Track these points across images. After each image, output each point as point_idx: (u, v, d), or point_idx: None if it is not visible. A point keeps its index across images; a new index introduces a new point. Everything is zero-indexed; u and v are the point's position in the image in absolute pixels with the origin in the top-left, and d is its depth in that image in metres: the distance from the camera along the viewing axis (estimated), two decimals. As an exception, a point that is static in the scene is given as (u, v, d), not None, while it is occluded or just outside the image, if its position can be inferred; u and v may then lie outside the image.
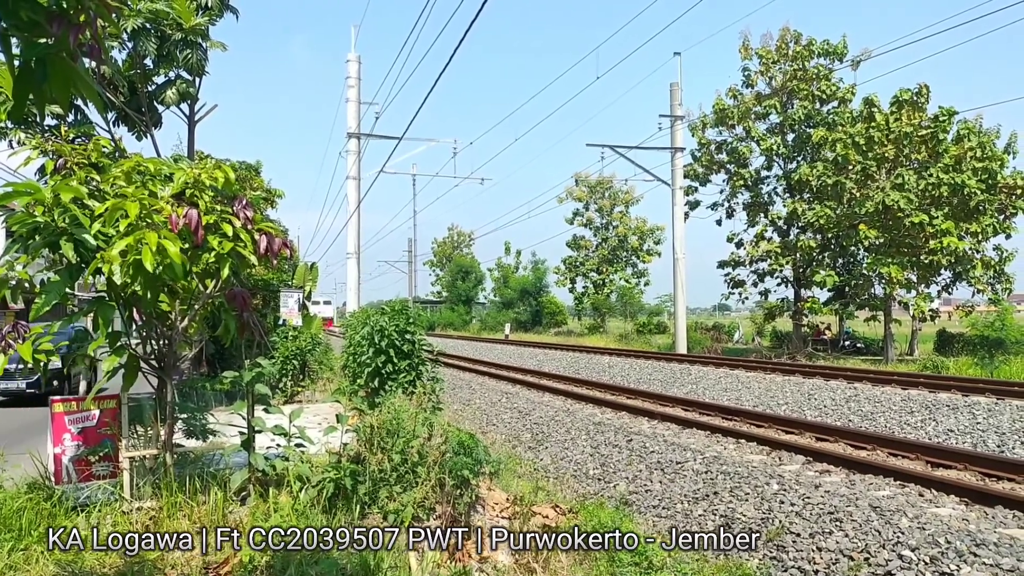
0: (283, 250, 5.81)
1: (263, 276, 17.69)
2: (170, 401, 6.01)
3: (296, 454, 6.08)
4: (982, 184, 23.71)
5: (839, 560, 5.56)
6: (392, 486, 5.76)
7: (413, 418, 6.26)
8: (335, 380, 16.02)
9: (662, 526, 6.72)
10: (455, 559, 5.38)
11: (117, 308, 5.48)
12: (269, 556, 4.67)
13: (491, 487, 6.83)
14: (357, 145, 23.25)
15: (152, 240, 4.70)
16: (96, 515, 5.34)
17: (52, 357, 5.65)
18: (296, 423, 6.27)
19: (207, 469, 6.10)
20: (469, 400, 15.97)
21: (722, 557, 5.89)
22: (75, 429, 5.96)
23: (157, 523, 5.23)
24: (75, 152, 6.06)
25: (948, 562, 5.32)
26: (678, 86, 30.87)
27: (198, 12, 12.79)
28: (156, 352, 6.14)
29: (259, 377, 5.95)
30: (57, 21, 2.09)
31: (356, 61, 23.38)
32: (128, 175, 5.53)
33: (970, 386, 14.76)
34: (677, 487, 7.82)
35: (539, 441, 10.81)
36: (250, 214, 5.55)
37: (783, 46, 31.21)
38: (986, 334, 23.84)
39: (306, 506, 5.43)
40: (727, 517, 6.71)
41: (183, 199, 5.39)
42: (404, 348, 10.71)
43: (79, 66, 2.22)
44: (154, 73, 13.23)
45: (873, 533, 6.01)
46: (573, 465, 9.17)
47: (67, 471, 5.90)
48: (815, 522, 6.36)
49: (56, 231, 4.99)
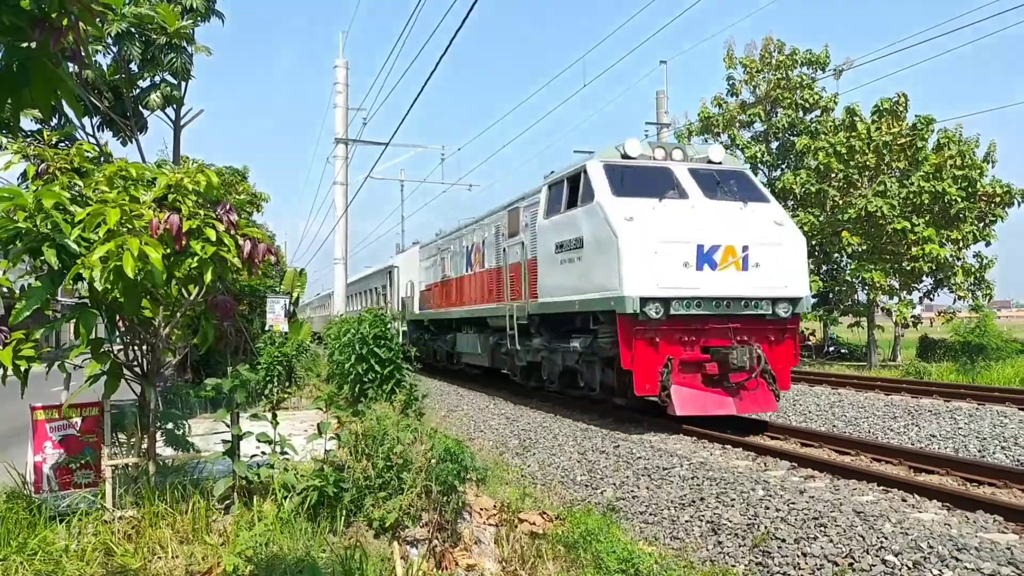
0: (268, 255, 5.78)
1: (249, 282, 17.59)
2: (153, 408, 5.96)
3: (280, 462, 6.03)
4: (962, 192, 24.02)
5: (824, 565, 5.59)
6: (377, 493, 5.73)
7: (396, 425, 6.24)
8: (322, 387, 15.93)
9: (649, 532, 6.73)
10: (442, 566, 5.36)
11: (99, 314, 5.43)
12: (253, 565, 4.63)
13: (478, 494, 6.81)
14: (345, 151, 23.21)
15: (134, 246, 4.66)
16: (77, 524, 5.27)
17: (34, 363, 5.58)
18: (281, 430, 6.24)
19: (190, 477, 6.04)
20: (456, 406, 15.94)
21: (709, 563, 5.90)
22: (56, 437, 5.89)
23: (139, 532, 5.17)
24: (57, 157, 6.00)
25: (931, 567, 5.35)
26: (664, 94, 31.08)
27: (183, 16, 12.74)
28: (139, 359, 6.08)
29: (241, 385, 5.91)
30: (39, 25, 2.08)
31: (344, 67, 23.36)
32: (110, 180, 5.49)
33: (952, 391, 14.91)
34: (664, 493, 7.84)
35: (526, 447, 10.80)
36: (234, 218, 5.52)
37: (767, 55, 31.49)
38: (967, 340, 24.12)
39: (290, 514, 5.39)
40: (713, 523, 6.73)
41: (165, 204, 5.35)
42: (383, 355, 10.69)
43: (61, 70, 2.21)
44: (139, 77, 13.16)
45: (857, 538, 6.04)
46: (560, 471, 9.17)
47: (48, 480, 5.83)
48: (800, 528, 6.39)
49: (38, 237, 4.94)
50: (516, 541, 5.85)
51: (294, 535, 5.14)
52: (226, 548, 4.91)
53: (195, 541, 5.12)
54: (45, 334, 5.32)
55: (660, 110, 30.86)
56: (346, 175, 23.18)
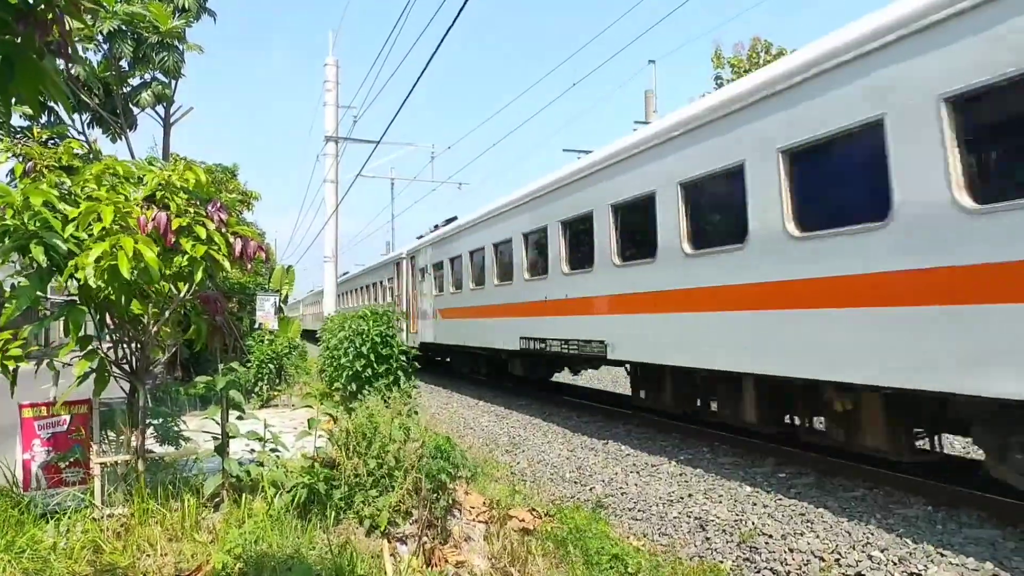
0: (259, 253, 5.78)
1: (239, 280, 17.56)
2: (142, 406, 5.95)
3: (271, 459, 6.04)
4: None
5: (810, 561, 5.63)
6: (367, 491, 5.74)
7: (389, 423, 6.26)
8: (312, 384, 15.91)
9: (637, 528, 6.76)
10: (431, 563, 5.37)
11: (89, 312, 5.42)
12: (243, 563, 4.64)
13: (468, 491, 6.83)
14: (335, 149, 23.14)
15: (128, 245, 4.67)
16: (66, 522, 5.27)
17: (22, 362, 5.57)
18: (271, 428, 6.24)
19: (180, 475, 6.04)
20: (447, 403, 15.95)
21: (697, 559, 5.94)
22: (45, 435, 5.87)
23: (128, 530, 5.17)
24: (46, 155, 5.99)
25: (916, 562, 5.41)
26: (653, 93, 31.08)
27: (175, 14, 12.70)
28: (128, 357, 6.08)
29: (233, 383, 5.91)
30: (24, 19, 2.08)
31: (334, 65, 23.29)
32: (99, 178, 5.48)
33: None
34: (652, 489, 7.87)
35: (515, 444, 10.82)
36: (224, 216, 5.53)
37: (754, 55, 31.65)
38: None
39: (280, 512, 5.39)
40: (701, 519, 6.77)
41: (154, 202, 5.35)
42: (384, 352, 10.69)
43: (48, 65, 2.21)
44: (130, 75, 13.11)
45: (843, 534, 6.09)
46: (550, 468, 9.19)
47: (36, 478, 5.82)
48: (787, 523, 6.44)
49: (26, 235, 4.93)
50: (506, 538, 5.87)
51: (284, 532, 5.15)
52: (216, 546, 4.92)
53: (184, 539, 5.12)
54: (34, 332, 5.31)
55: (649, 109, 30.88)
56: (336, 173, 23.11)
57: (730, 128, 8.08)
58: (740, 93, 7.99)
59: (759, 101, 7.62)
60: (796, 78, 7.13)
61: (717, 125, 8.31)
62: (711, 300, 8.41)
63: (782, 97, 7.31)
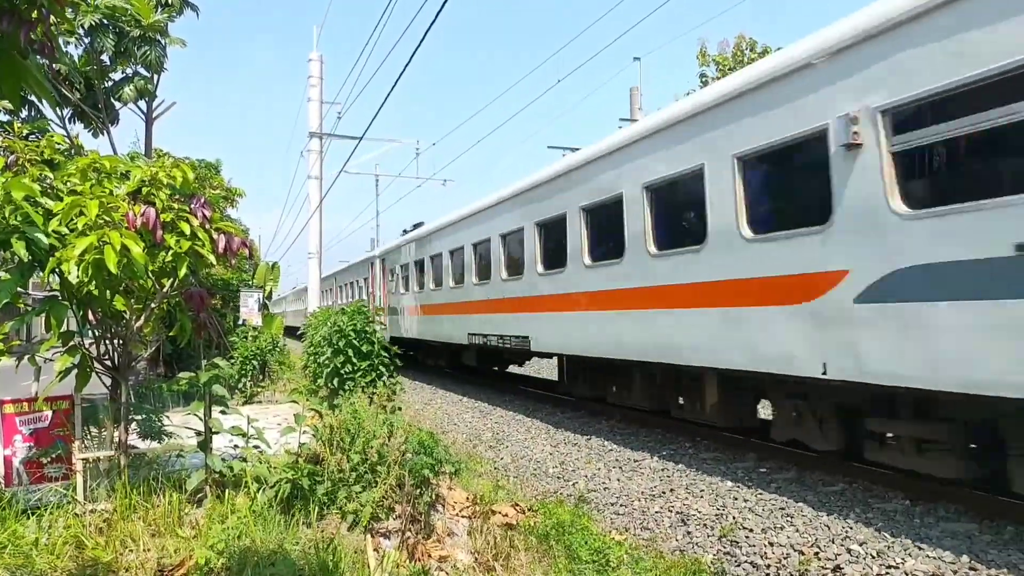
0: (242, 249, 5.78)
1: (223, 276, 17.48)
2: (125, 402, 5.93)
3: (254, 455, 6.04)
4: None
5: (790, 555, 5.71)
6: (351, 486, 5.76)
7: (373, 418, 6.27)
8: (296, 381, 15.88)
9: (620, 523, 6.82)
10: (415, 558, 5.40)
11: (71, 307, 5.40)
12: (226, 558, 4.65)
13: (451, 486, 6.86)
14: (319, 144, 23.05)
15: (115, 240, 4.66)
16: (48, 518, 5.25)
17: (2, 357, 5.54)
18: (255, 424, 6.23)
19: (163, 471, 6.02)
20: (430, 400, 15.96)
21: (678, 553, 6.01)
22: (27, 430, 5.85)
23: (111, 525, 5.16)
24: (28, 149, 5.95)
25: (894, 555, 5.51)
26: (638, 90, 31.18)
27: (157, 8, 12.61)
28: (110, 352, 6.05)
29: (216, 378, 5.90)
30: (7, 17, 2.09)
31: (318, 60, 23.17)
32: (83, 173, 5.46)
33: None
34: (635, 484, 7.94)
35: (499, 440, 10.87)
36: (208, 213, 5.52)
37: (739, 53, 31.81)
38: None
39: (264, 507, 5.40)
40: (683, 514, 6.84)
41: (139, 197, 5.34)
42: (363, 348, 10.69)
43: (31, 62, 2.22)
44: (111, 70, 13.02)
45: (823, 528, 6.19)
46: (533, 464, 9.24)
47: (18, 473, 5.79)
48: (767, 518, 6.53)
49: (7, 229, 4.90)
50: (489, 533, 5.91)
51: (267, 528, 5.15)
52: (199, 541, 4.92)
53: (167, 534, 5.11)
54: (15, 327, 5.28)
55: (634, 106, 30.97)
56: (320, 169, 23.03)
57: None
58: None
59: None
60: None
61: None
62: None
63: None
